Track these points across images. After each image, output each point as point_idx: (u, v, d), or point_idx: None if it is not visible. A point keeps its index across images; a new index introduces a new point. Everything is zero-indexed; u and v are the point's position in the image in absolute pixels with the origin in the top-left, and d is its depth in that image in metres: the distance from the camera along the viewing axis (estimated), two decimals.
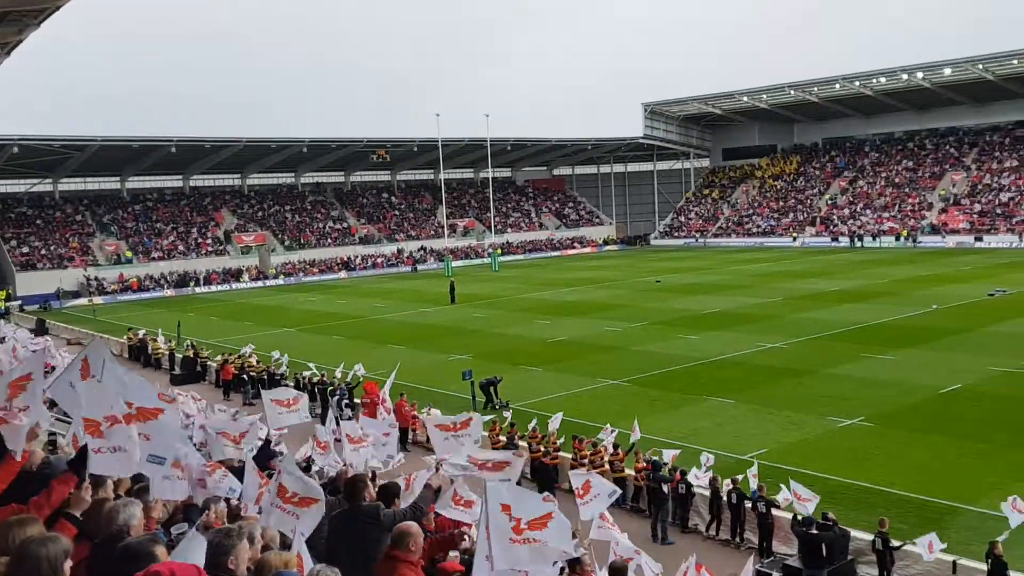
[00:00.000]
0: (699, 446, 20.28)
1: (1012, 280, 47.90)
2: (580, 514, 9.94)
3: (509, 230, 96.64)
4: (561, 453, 18.87)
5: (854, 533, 13.79)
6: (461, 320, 44.14)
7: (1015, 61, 77.35)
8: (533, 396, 26.44)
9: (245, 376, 30.61)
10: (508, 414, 21.66)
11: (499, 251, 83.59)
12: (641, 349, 33.29)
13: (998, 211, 78.26)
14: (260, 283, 74.24)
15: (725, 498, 15.76)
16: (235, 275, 74.90)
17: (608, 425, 19.44)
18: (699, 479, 16.56)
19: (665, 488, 16.24)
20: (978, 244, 74.47)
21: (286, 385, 25.74)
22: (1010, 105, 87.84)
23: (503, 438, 19.65)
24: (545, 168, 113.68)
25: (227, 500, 6.94)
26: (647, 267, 69.82)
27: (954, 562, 13.05)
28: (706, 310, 42.39)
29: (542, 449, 18.92)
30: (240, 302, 60.64)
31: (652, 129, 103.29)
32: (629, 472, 17.68)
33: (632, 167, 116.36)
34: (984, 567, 12.34)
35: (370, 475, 9.24)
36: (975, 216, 78.87)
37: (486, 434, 21.05)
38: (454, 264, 75.86)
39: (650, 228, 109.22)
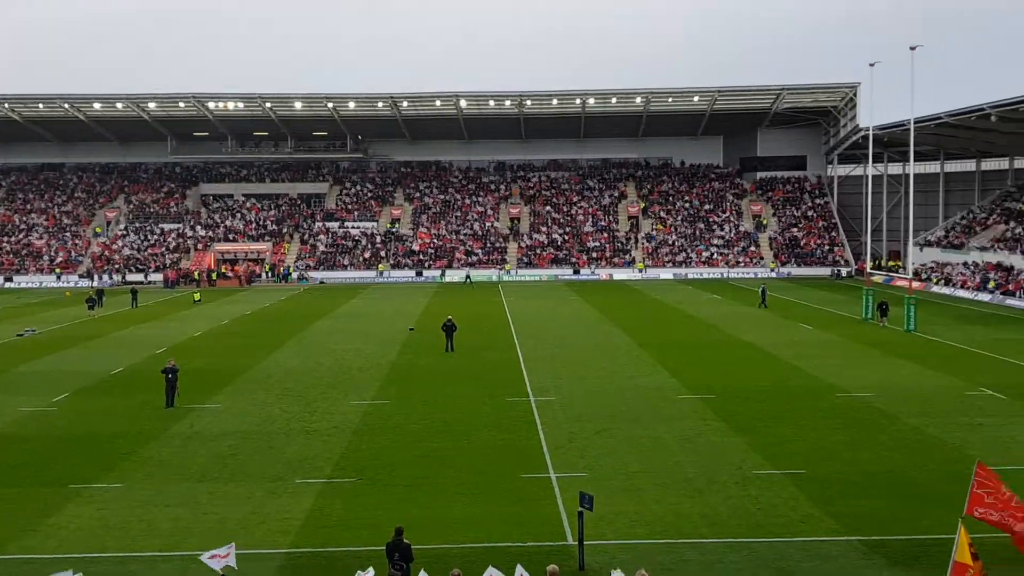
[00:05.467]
0: None
1: (41, 320, 48.64)
2: None
3: None
4: None
5: None
6: None
7: (40, 105, 79.32)
8: None
9: None
10: None
11: None
12: None
13: (28, 252, 78.54)
14: None
15: None
16: None
17: None
18: None
19: None
20: (9, 284, 73.38)
21: None
22: (34, 147, 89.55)
23: None
24: None
25: None
26: None
27: None
28: None
29: None
30: None
31: None
32: None
33: None
34: None
35: None
36: (6, 257, 77.49)
37: None
38: None
39: None
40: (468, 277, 74.46)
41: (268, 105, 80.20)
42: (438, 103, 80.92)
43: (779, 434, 22.80)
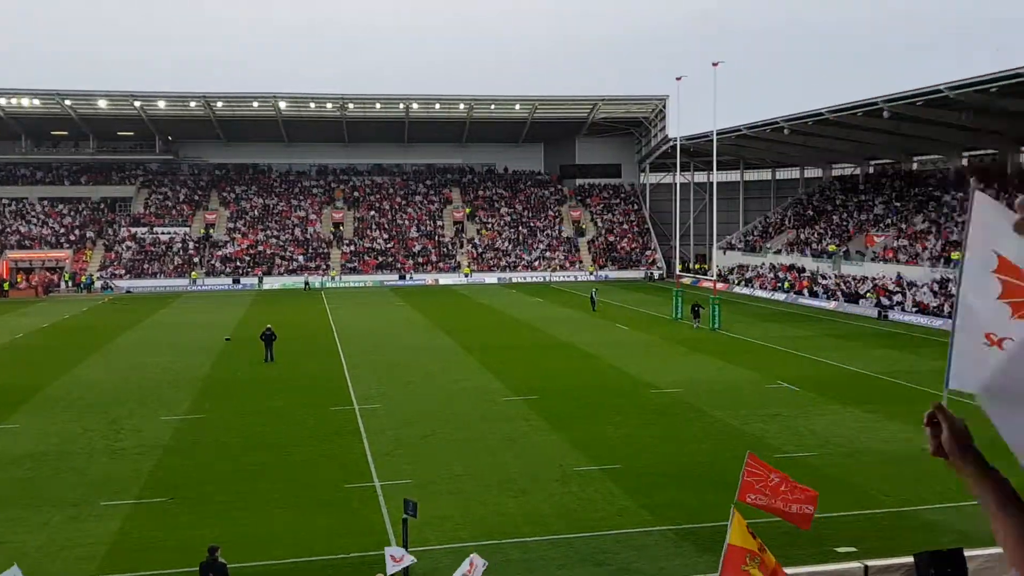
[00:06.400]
0: None
1: None
2: None
3: None
4: None
5: None
6: None
7: None
8: None
9: None
10: None
11: None
12: None
13: None
14: None
15: None
16: None
17: None
18: None
19: None
20: None
21: None
22: None
23: None
24: None
25: None
26: None
27: None
28: None
29: None
30: None
31: None
32: None
33: None
34: None
35: None
36: None
37: None
38: None
39: None
40: (307, 283, 72.64)
41: (68, 102, 74.70)
42: (255, 104, 78.26)
43: (598, 431, 23.66)
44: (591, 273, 79.40)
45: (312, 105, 79.48)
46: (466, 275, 77.44)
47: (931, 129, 56.98)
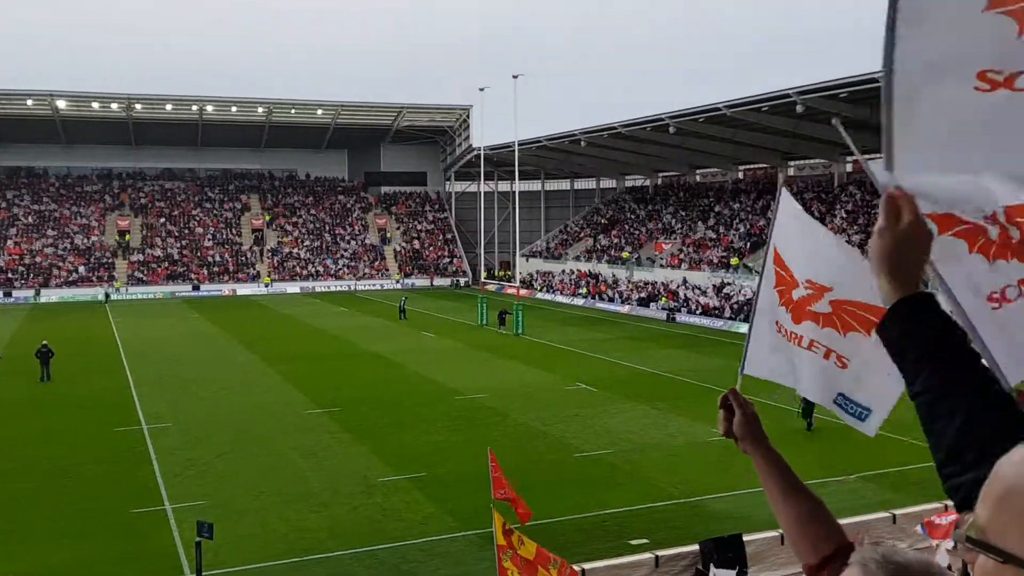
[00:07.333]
0: None
1: None
2: None
3: None
4: None
5: None
6: None
7: None
8: None
9: None
10: None
11: None
12: None
13: None
14: None
15: None
16: None
17: None
18: None
19: None
20: None
21: None
22: None
23: None
24: None
25: None
26: None
27: None
28: None
29: None
30: None
31: None
32: None
33: None
34: None
35: None
36: None
37: None
38: None
39: None
40: (107, 295, 67.08)
41: None
42: (29, 102, 71.84)
43: (402, 440, 23.57)
44: (397, 281, 79.06)
45: (95, 105, 74.10)
46: (266, 285, 74.87)
47: (711, 144, 61.31)
